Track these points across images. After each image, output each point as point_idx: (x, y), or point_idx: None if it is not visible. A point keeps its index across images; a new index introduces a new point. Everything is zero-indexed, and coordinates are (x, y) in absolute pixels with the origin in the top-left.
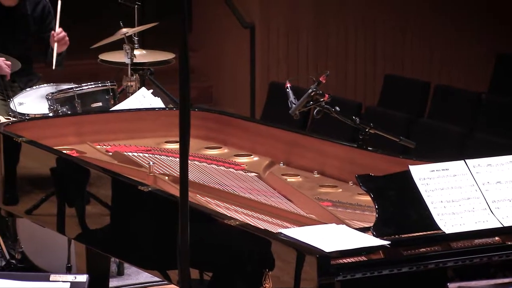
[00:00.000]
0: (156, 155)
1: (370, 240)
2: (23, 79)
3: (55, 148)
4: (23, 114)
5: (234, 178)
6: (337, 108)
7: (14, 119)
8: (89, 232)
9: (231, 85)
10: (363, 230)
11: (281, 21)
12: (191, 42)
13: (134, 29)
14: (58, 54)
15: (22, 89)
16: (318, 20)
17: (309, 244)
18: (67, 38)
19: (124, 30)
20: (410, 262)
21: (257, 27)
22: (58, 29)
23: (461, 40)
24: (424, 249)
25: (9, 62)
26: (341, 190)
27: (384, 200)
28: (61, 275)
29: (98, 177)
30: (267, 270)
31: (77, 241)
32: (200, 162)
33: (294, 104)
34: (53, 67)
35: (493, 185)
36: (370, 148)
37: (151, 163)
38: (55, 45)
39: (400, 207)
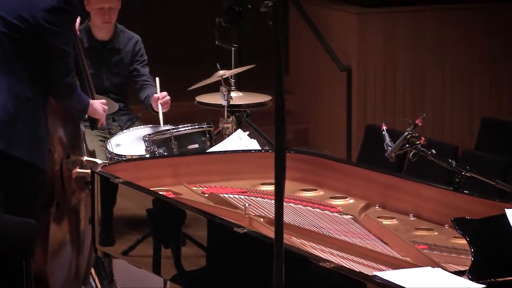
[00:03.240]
0: (251, 197)
1: (466, 284)
2: (122, 118)
3: (151, 189)
4: (120, 155)
5: (329, 221)
6: (434, 151)
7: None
8: (184, 273)
9: (328, 128)
10: (459, 273)
11: (378, 64)
12: (287, 84)
13: (231, 71)
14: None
15: (121, 128)
16: (415, 62)
17: (404, 287)
18: (169, 102)
19: (221, 72)
20: None
21: (354, 70)
22: (163, 92)
23: None
24: None
25: (106, 107)
26: (436, 233)
27: (480, 243)
28: None
29: (194, 218)
30: None
31: (173, 282)
32: (295, 204)
33: (390, 146)
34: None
35: None
36: (466, 192)
37: (246, 205)
38: (160, 107)
39: (496, 251)
